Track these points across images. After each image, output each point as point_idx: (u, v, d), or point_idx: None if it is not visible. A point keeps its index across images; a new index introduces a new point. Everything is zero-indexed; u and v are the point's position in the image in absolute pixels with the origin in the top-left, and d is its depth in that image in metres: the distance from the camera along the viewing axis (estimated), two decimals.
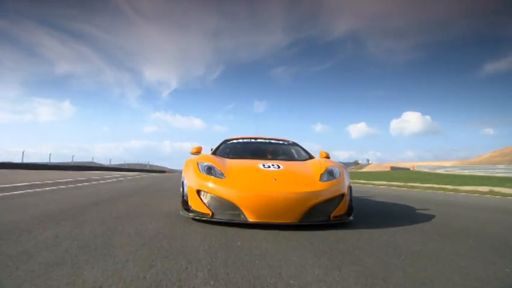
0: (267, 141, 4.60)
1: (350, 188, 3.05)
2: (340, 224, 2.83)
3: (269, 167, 3.08)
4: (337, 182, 2.91)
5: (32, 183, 6.79)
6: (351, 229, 2.70)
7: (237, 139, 4.56)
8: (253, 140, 4.57)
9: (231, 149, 4.22)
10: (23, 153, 23.22)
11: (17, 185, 6.15)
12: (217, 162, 3.09)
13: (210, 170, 2.92)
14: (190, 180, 2.89)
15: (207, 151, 4.23)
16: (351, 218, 2.90)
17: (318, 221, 2.69)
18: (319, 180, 2.87)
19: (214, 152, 4.03)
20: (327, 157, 3.89)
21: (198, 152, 3.94)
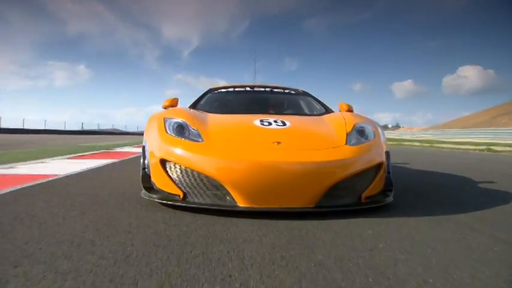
0: (267, 89, 3.49)
1: (388, 154, 2.11)
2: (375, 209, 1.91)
3: (270, 124, 2.11)
4: (371, 145, 1.98)
5: None
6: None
7: (226, 88, 3.48)
8: (248, 89, 3.47)
9: (216, 101, 3.19)
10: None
11: None
12: (193, 118, 2.12)
13: (181, 130, 1.97)
14: (153, 145, 1.95)
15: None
16: (391, 198, 1.98)
17: (344, 204, 1.81)
18: (346, 144, 1.92)
19: (194, 106, 2.96)
20: (350, 111, 2.86)
21: (172, 106, 2.88)
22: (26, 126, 29.39)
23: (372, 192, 1.90)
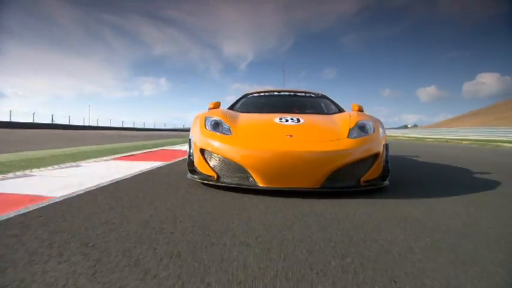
0: (292, 93, 4.07)
1: (386, 146, 2.48)
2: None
3: (287, 121, 2.58)
4: (369, 138, 2.36)
5: None
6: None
7: (258, 92, 4.08)
8: (275, 93, 4.06)
9: (250, 103, 3.75)
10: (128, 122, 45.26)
11: None
12: (227, 117, 2.65)
13: (216, 126, 2.50)
14: (196, 138, 2.51)
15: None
16: (387, 182, 2.37)
17: (344, 186, 2.21)
18: (347, 137, 2.33)
19: (232, 107, 3.60)
20: (360, 110, 3.25)
21: (215, 107, 3.43)
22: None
23: (370, 177, 2.28)
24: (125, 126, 51.21)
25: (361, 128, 2.47)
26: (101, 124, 45.27)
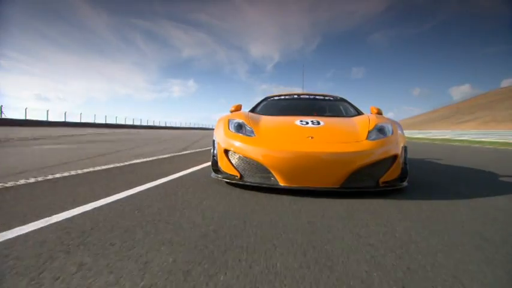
0: (311, 97, 4.13)
1: (405, 148, 2.52)
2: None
3: (307, 123, 2.65)
4: (388, 140, 2.40)
5: None
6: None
7: (279, 96, 4.16)
8: (295, 96, 4.14)
9: (270, 106, 3.82)
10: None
11: None
12: (250, 119, 2.75)
13: (239, 128, 2.60)
14: (220, 139, 2.61)
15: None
16: (405, 183, 2.40)
17: (363, 186, 2.26)
18: (366, 139, 2.38)
19: (253, 110, 3.67)
20: (379, 113, 3.29)
21: (237, 110, 3.56)
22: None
23: (389, 178, 2.32)
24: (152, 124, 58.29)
25: (380, 130, 2.51)
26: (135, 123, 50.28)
